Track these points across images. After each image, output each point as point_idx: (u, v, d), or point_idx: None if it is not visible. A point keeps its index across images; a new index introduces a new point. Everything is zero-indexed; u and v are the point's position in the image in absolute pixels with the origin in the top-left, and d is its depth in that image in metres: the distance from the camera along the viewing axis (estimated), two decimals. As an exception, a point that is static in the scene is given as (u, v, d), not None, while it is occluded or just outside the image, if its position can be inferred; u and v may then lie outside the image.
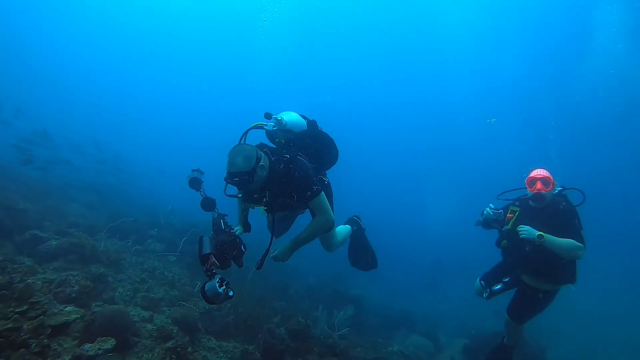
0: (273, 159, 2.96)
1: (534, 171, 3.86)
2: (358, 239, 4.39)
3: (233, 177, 2.69)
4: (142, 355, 3.64)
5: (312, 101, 30.89)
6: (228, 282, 2.48)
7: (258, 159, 2.75)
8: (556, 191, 3.78)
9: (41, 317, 3.01)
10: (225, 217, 2.94)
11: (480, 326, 8.78)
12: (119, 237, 7.00)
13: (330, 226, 3.28)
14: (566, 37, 18.83)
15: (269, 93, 29.22)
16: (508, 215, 3.91)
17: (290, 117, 3.32)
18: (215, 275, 2.45)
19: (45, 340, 2.89)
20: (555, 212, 3.69)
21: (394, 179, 29.30)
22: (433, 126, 28.71)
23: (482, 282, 4.41)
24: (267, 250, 2.96)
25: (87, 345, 3.12)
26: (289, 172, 2.93)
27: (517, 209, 3.89)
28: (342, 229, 4.20)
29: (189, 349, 3.92)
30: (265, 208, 3.15)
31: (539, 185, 3.70)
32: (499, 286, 4.02)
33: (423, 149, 29.23)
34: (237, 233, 2.96)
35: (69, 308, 3.47)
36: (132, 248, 6.74)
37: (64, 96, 27.34)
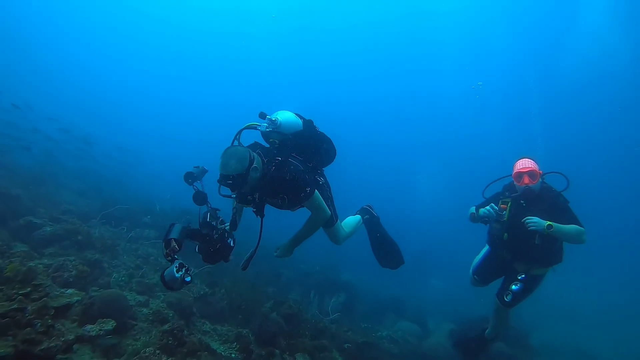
0: (265, 160, 2.93)
1: (519, 162, 3.78)
2: (375, 235, 4.30)
3: (226, 179, 2.69)
4: (140, 337, 3.73)
5: (304, 95, 30.83)
6: (188, 268, 2.50)
7: (251, 161, 2.74)
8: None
9: (44, 298, 3.09)
10: (217, 211, 2.94)
11: (467, 311, 9.01)
12: (113, 224, 7.03)
13: (325, 222, 3.32)
14: (553, 22, 18.87)
15: (262, 87, 29.12)
16: (501, 206, 3.82)
17: (285, 117, 3.24)
18: (175, 261, 2.47)
19: (50, 321, 2.98)
20: (548, 199, 3.66)
21: (382, 171, 29.46)
22: (420, 118, 28.80)
23: (475, 276, 4.43)
24: (254, 252, 2.98)
25: (89, 326, 3.21)
26: (280, 175, 2.92)
27: (509, 200, 3.81)
28: (351, 221, 4.18)
29: (185, 332, 4.03)
30: (255, 210, 3.14)
31: (526, 179, 3.63)
32: (518, 286, 3.81)
33: (411, 141, 29.32)
34: (226, 228, 2.95)
35: (70, 291, 3.56)
36: (126, 235, 6.78)
37: (44, 79, 26.81)
